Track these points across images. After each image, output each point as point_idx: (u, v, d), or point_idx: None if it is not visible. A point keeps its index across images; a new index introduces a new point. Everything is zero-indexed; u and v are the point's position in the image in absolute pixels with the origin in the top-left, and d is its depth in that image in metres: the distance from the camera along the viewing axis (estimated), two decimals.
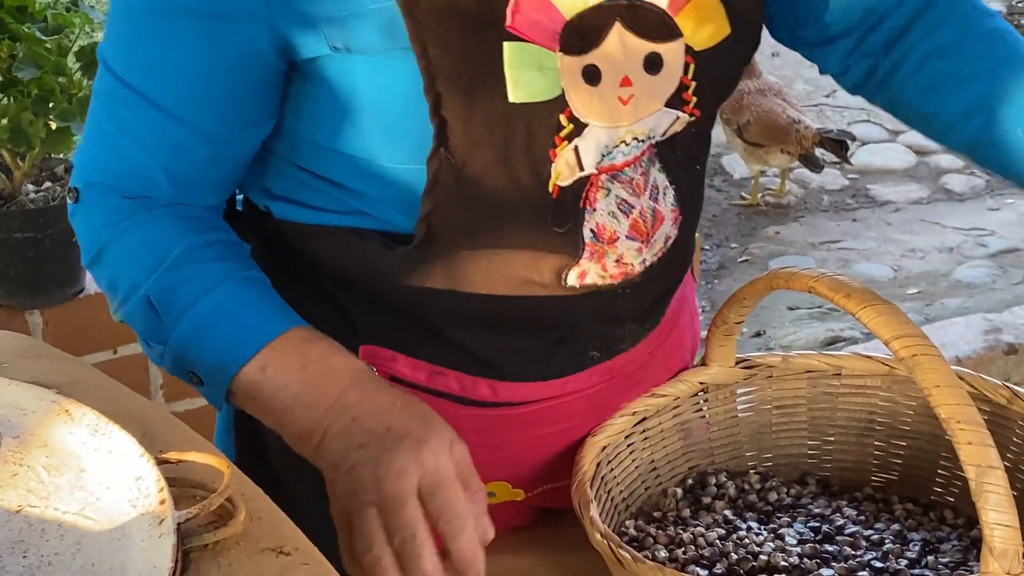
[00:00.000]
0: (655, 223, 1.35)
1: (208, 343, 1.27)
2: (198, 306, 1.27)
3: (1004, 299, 3.74)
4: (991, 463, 1.17)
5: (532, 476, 1.45)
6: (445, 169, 1.24)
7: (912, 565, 1.36)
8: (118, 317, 1.36)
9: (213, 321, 1.27)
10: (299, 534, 1.04)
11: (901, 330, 1.23)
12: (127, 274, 1.31)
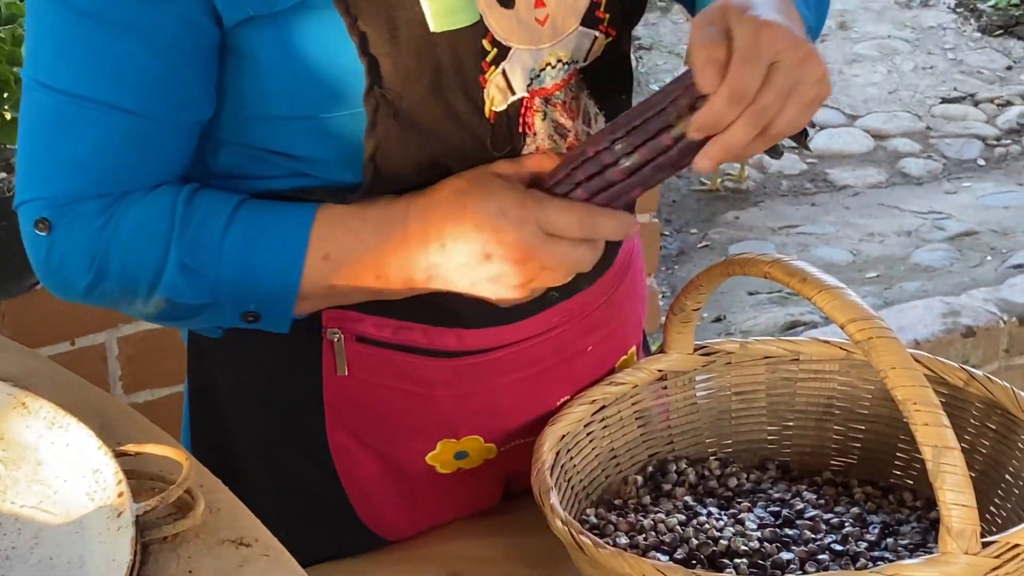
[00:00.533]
0: None
1: (257, 267, 1.27)
2: (227, 242, 1.27)
3: (962, 282, 3.77)
4: (948, 444, 1.18)
5: (503, 428, 1.46)
6: (383, 107, 1.25)
7: (872, 548, 1.37)
8: (150, 309, 1.32)
9: (249, 247, 1.28)
10: (259, 525, 1.04)
11: (856, 313, 1.24)
12: (145, 258, 1.28)
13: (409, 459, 1.45)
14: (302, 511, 1.45)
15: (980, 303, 3.49)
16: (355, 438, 1.43)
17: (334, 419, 1.42)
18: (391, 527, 1.50)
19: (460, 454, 1.46)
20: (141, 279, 1.29)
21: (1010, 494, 1.40)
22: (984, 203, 4.31)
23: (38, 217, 1.29)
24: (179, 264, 1.27)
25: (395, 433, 1.44)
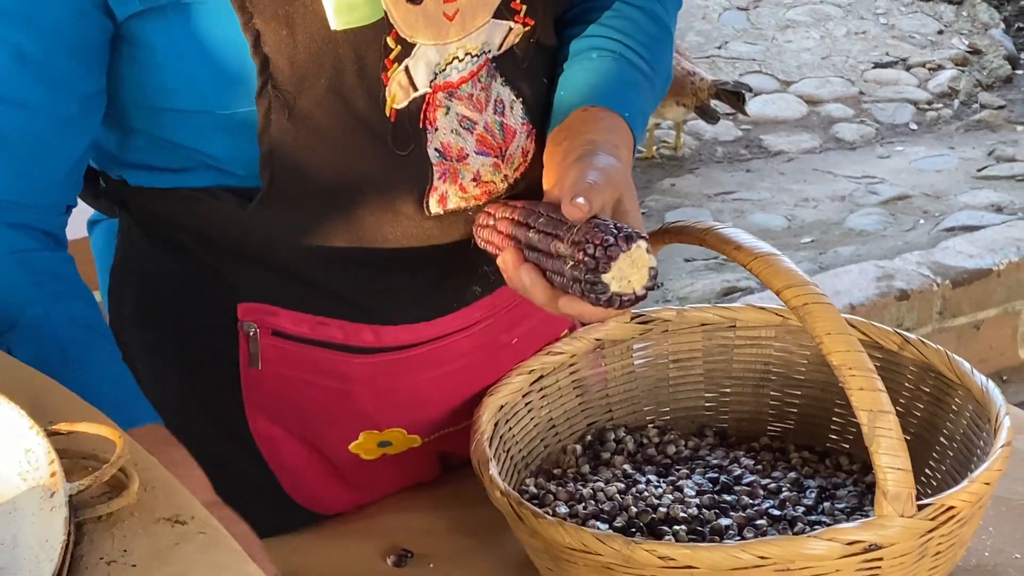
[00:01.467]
0: (506, 137, 1.35)
1: None
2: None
3: (895, 246, 3.79)
4: (882, 408, 1.19)
5: (427, 420, 1.45)
6: (275, 107, 1.22)
7: (809, 512, 1.38)
8: None
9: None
10: (195, 503, 1.03)
11: (791, 280, 1.24)
12: None
13: (333, 448, 1.44)
14: (233, 492, 1.43)
15: (914, 266, 3.52)
16: (277, 426, 1.42)
17: (254, 409, 1.41)
18: (326, 505, 1.49)
19: (383, 443, 1.45)
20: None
21: (945, 456, 1.42)
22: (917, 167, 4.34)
23: None
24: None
25: (316, 424, 1.43)
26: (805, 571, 1.19)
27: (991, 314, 3.53)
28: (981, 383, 1.37)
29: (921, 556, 1.22)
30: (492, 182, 1.35)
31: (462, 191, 1.33)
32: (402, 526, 1.48)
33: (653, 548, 1.20)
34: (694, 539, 1.33)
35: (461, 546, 1.45)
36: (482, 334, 1.44)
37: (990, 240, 3.63)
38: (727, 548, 1.19)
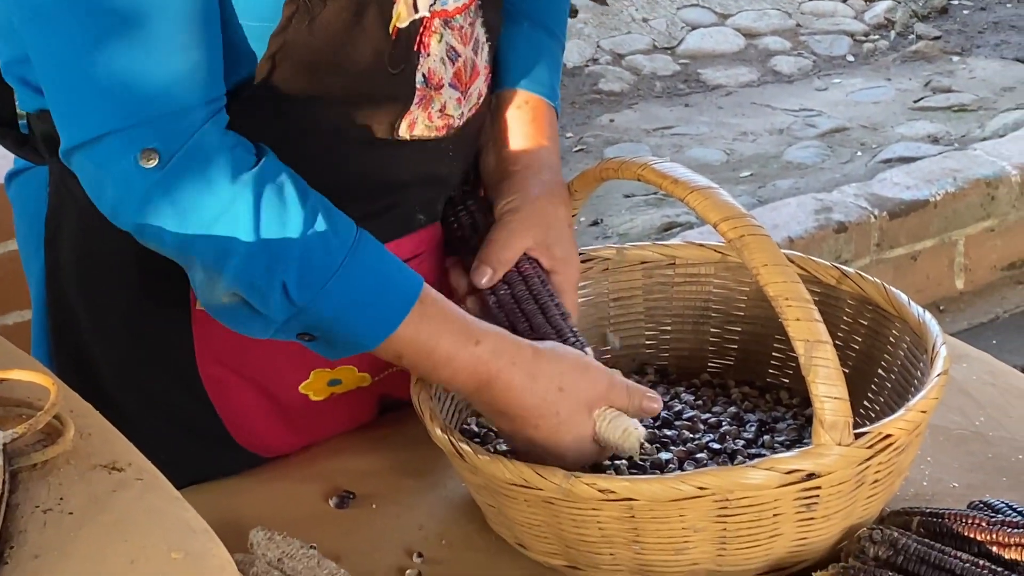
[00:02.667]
0: (472, 75, 1.41)
1: (342, 325, 1.26)
2: (328, 289, 1.24)
3: (833, 178, 3.81)
4: (819, 338, 1.19)
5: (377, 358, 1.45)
6: (300, 13, 1.25)
7: (749, 445, 1.39)
8: (217, 296, 1.26)
9: (343, 305, 1.25)
10: (132, 449, 1.02)
11: (728, 212, 1.24)
12: (255, 260, 1.22)
13: (282, 389, 1.44)
14: (175, 436, 1.42)
15: (851, 199, 3.54)
16: (227, 368, 1.41)
17: (204, 351, 1.40)
18: (270, 447, 1.48)
19: (333, 381, 1.45)
20: (232, 272, 1.23)
21: (883, 387, 1.43)
22: (854, 99, 4.36)
23: (144, 147, 1.20)
24: (280, 284, 1.23)
25: (267, 365, 1.42)
26: (744, 501, 1.20)
27: (928, 245, 3.56)
28: (918, 314, 1.37)
29: (859, 484, 1.23)
30: (452, 116, 1.40)
31: (429, 120, 1.38)
32: (343, 468, 1.47)
33: (593, 481, 1.20)
34: (635, 472, 1.33)
35: (403, 487, 1.44)
36: (428, 263, 1.45)
37: (926, 171, 3.65)
38: (666, 480, 1.19)
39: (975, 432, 1.48)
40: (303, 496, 1.44)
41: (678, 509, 1.20)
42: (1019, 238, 3.68)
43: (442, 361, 1.28)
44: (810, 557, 1.26)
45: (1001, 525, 1.22)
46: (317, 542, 1.33)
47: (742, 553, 1.23)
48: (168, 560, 0.89)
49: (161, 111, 1.20)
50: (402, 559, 1.35)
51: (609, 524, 1.22)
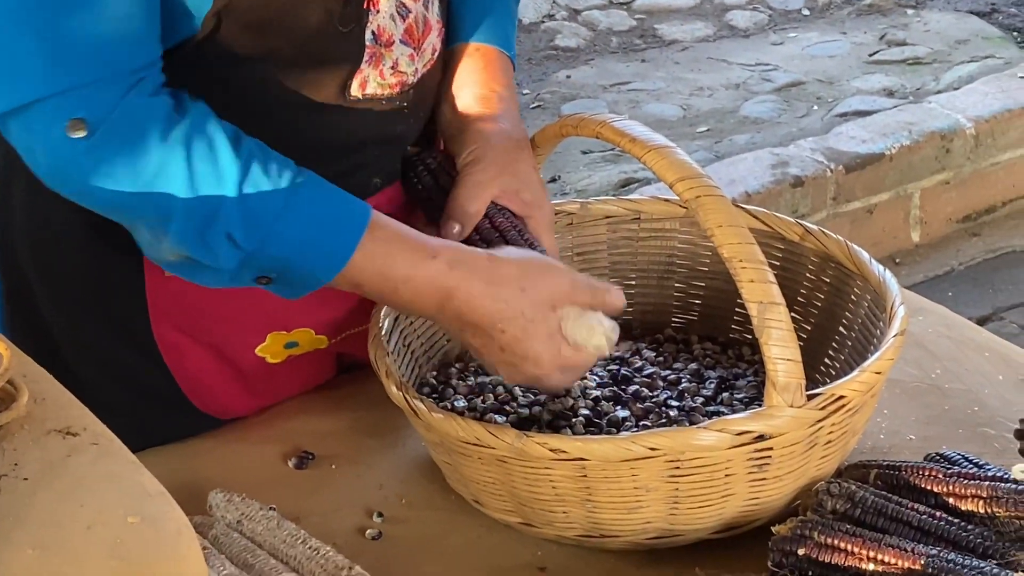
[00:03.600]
0: (424, 31, 1.39)
1: (295, 261, 1.26)
2: (276, 229, 1.23)
3: (790, 132, 3.81)
4: (773, 299, 1.19)
5: (333, 320, 1.45)
6: None
7: (708, 402, 1.39)
8: (164, 253, 1.26)
9: (294, 241, 1.25)
10: (87, 413, 1.01)
11: (684, 172, 1.24)
12: (194, 211, 1.22)
13: (238, 352, 1.43)
14: (132, 400, 1.41)
15: (808, 153, 3.54)
16: (183, 334, 1.40)
17: (159, 316, 1.39)
18: (228, 410, 1.48)
19: (290, 344, 1.44)
20: (174, 230, 1.22)
21: (844, 345, 1.43)
22: (809, 53, 4.36)
23: (72, 117, 1.18)
24: (224, 234, 1.22)
25: (223, 329, 1.41)
26: (696, 462, 1.20)
27: (884, 198, 3.57)
28: (879, 273, 1.38)
29: (811, 445, 1.23)
30: (405, 73, 1.38)
31: (381, 77, 1.36)
32: (302, 429, 1.47)
33: (544, 441, 1.20)
34: (592, 431, 1.33)
35: (362, 446, 1.44)
36: None
37: (882, 125, 3.66)
38: (617, 440, 1.19)
39: (931, 385, 1.49)
40: (262, 457, 1.44)
41: (630, 469, 1.20)
42: (974, 190, 3.70)
43: (401, 281, 1.27)
44: (763, 516, 1.26)
45: (957, 477, 1.23)
46: (277, 503, 1.33)
47: (694, 512, 1.24)
48: (125, 524, 0.89)
49: (88, 78, 1.19)
50: (362, 519, 1.35)
51: (562, 483, 1.22)
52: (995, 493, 1.19)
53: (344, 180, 1.38)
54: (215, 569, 1.22)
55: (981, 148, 3.67)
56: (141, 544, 0.87)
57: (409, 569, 1.28)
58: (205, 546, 1.26)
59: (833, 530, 1.19)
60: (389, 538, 1.32)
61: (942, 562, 1.14)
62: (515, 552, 1.30)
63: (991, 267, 3.58)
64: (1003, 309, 3.42)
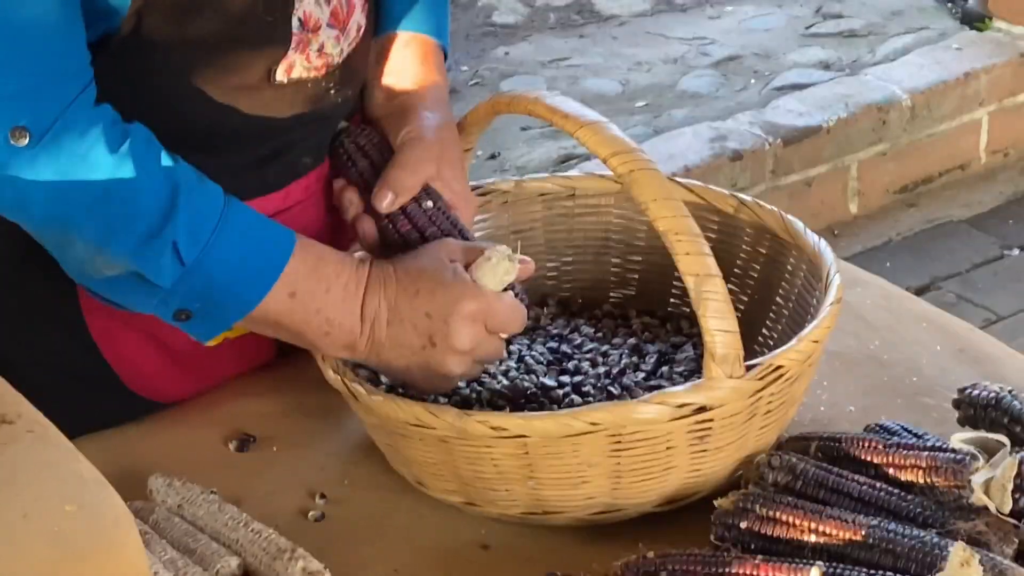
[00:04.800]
0: (348, 10, 1.38)
1: (227, 279, 1.25)
2: (213, 243, 1.23)
3: (728, 107, 3.82)
4: (709, 272, 1.19)
5: None
6: None
7: (648, 377, 1.39)
8: (96, 266, 1.25)
9: (228, 257, 1.25)
10: (22, 400, 1.00)
11: (617, 147, 1.24)
12: (137, 220, 1.21)
13: (172, 337, 1.41)
14: (67, 387, 1.40)
15: (746, 126, 3.56)
16: (114, 319, 1.39)
17: (90, 302, 1.37)
18: (166, 393, 1.46)
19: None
20: (121, 241, 1.21)
21: (781, 315, 1.44)
22: (746, 27, 4.37)
23: (15, 125, 1.17)
24: (171, 243, 1.21)
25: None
26: (637, 435, 1.21)
27: (822, 171, 3.59)
28: (814, 243, 1.38)
29: (751, 415, 1.24)
30: (331, 55, 1.37)
31: (307, 61, 1.35)
32: (243, 411, 1.46)
33: (485, 419, 1.20)
34: (533, 407, 1.33)
35: (304, 428, 1.43)
36: (317, 205, 1.44)
37: (819, 97, 3.68)
38: (558, 416, 1.19)
39: (870, 356, 1.50)
40: (202, 441, 1.43)
41: (572, 445, 1.20)
42: (911, 162, 3.72)
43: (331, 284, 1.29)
44: (705, 488, 1.27)
45: (897, 447, 1.24)
46: (218, 487, 1.32)
47: (637, 486, 1.24)
48: (62, 513, 0.88)
49: (30, 85, 1.17)
50: (305, 500, 1.34)
51: (503, 461, 1.22)
52: (934, 463, 1.20)
53: (274, 161, 1.37)
54: (156, 554, 1.21)
55: (917, 119, 3.69)
56: (78, 532, 0.86)
57: (352, 550, 1.28)
58: (146, 531, 1.25)
59: (775, 503, 1.19)
60: (332, 519, 1.32)
61: (883, 532, 1.15)
62: (459, 531, 1.30)
63: (928, 237, 3.61)
64: (940, 279, 3.46)
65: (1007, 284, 3.42)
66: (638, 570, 1.17)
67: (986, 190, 3.78)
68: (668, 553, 1.17)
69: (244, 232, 1.26)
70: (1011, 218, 3.67)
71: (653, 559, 1.17)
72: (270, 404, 1.47)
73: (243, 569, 1.23)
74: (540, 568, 1.17)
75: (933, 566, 1.11)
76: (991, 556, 1.13)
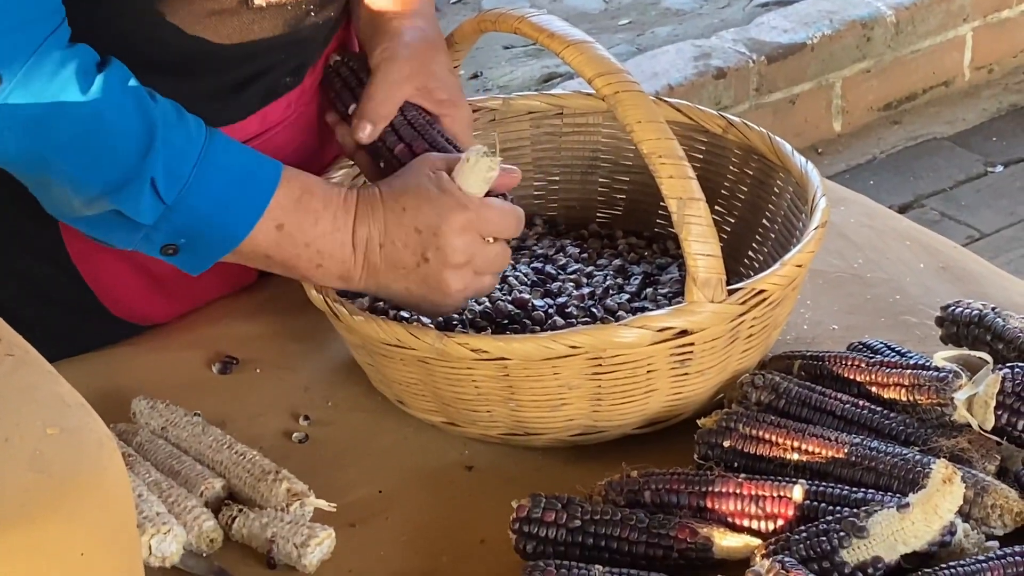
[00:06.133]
0: None
1: (211, 212, 1.24)
2: (195, 177, 1.22)
3: (711, 24, 3.80)
4: (692, 195, 1.19)
5: None
6: None
7: (633, 299, 1.39)
8: (76, 207, 1.23)
9: (211, 190, 1.23)
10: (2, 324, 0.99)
11: (602, 68, 1.23)
12: (114, 161, 1.20)
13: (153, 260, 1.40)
14: (48, 311, 1.39)
15: (730, 44, 3.53)
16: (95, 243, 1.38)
17: (69, 227, 1.36)
18: (148, 316, 1.46)
19: None
20: (97, 180, 1.20)
21: (767, 239, 1.43)
22: None
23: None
24: (149, 181, 1.19)
25: None
26: (618, 358, 1.20)
27: (806, 88, 3.58)
28: (800, 165, 1.38)
29: (733, 340, 1.24)
30: None
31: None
32: (225, 333, 1.46)
33: (465, 341, 1.20)
34: (516, 329, 1.33)
35: (287, 350, 1.43)
36: (296, 124, 1.44)
37: (803, 14, 3.65)
38: (539, 339, 1.19)
39: (853, 275, 1.50)
40: (185, 363, 1.42)
41: (552, 367, 1.20)
42: (895, 78, 3.71)
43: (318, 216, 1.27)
44: (686, 410, 1.27)
45: (880, 366, 1.24)
46: (201, 409, 1.32)
47: (617, 408, 1.24)
48: (44, 436, 0.87)
49: (0, 26, 1.15)
50: (288, 423, 1.34)
51: (484, 383, 1.22)
52: (917, 381, 1.20)
53: (254, 82, 1.36)
54: (140, 476, 1.21)
55: (901, 36, 3.67)
56: (61, 455, 0.86)
57: (336, 471, 1.28)
58: (130, 454, 1.25)
59: (758, 421, 1.20)
60: (316, 441, 1.32)
61: (865, 450, 1.16)
62: (442, 451, 1.30)
63: (912, 155, 3.61)
64: (924, 196, 3.45)
65: (990, 201, 3.42)
66: (622, 489, 1.18)
67: (970, 107, 3.77)
68: (651, 472, 1.18)
69: (226, 167, 1.24)
70: (994, 135, 3.66)
71: (636, 478, 1.18)
72: (252, 326, 1.47)
73: (227, 491, 1.23)
74: (524, 489, 1.17)
75: (915, 483, 1.12)
76: (973, 473, 1.14)
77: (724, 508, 1.14)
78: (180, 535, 1.15)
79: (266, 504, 1.20)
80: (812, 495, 1.12)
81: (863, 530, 1.05)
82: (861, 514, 1.07)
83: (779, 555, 1.05)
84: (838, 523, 1.07)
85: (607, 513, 1.14)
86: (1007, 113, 3.75)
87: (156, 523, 1.14)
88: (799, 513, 1.12)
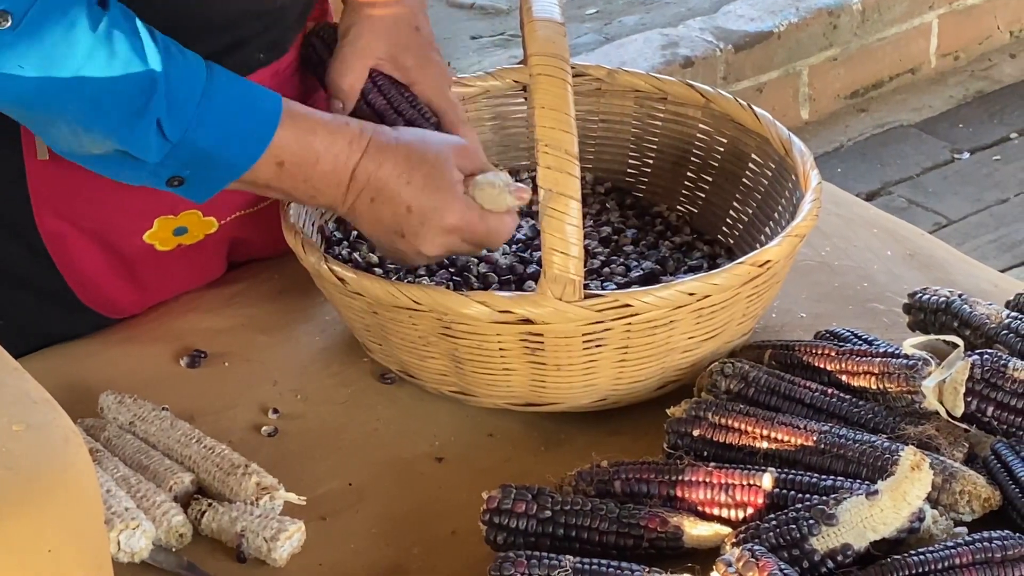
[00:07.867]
0: None
1: (215, 147, 1.24)
2: (199, 113, 1.22)
3: (678, 13, 3.80)
4: (564, 190, 1.18)
5: (222, 200, 1.42)
6: None
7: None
8: (86, 146, 1.22)
9: (215, 125, 1.23)
10: None
11: (543, 48, 1.22)
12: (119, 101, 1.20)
13: (126, 240, 1.40)
14: (17, 299, 1.38)
15: (697, 33, 3.54)
16: (67, 222, 1.37)
17: (42, 205, 1.35)
18: (116, 307, 1.45)
19: (179, 230, 1.41)
20: (104, 120, 1.20)
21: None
22: None
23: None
24: (155, 122, 1.20)
25: (109, 214, 1.38)
26: (463, 327, 1.23)
27: (773, 76, 3.58)
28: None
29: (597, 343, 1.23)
30: None
31: None
32: (193, 326, 1.45)
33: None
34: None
35: (255, 343, 1.43)
36: None
37: (770, 2, 3.65)
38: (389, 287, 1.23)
39: (821, 262, 1.51)
40: (153, 357, 1.42)
41: (409, 316, 1.25)
42: (861, 66, 3.72)
43: (320, 154, 1.28)
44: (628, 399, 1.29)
45: (850, 354, 1.24)
46: (169, 403, 1.32)
47: (482, 378, 1.27)
48: (10, 433, 0.87)
49: None
50: (257, 416, 1.34)
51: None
52: (886, 369, 1.21)
53: (228, 56, 1.35)
54: (108, 472, 1.20)
55: (868, 23, 3.68)
56: (26, 452, 0.86)
57: (306, 464, 1.28)
58: (98, 449, 1.24)
59: (727, 410, 1.20)
60: (285, 434, 1.32)
61: (834, 438, 1.16)
62: (412, 444, 1.30)
63: (879, 142, 3.62)
64: (891, 183, 3.47)
65: (957, 188, 3.43)
66: (592, 479, 1.18)
67: (936, 94, 3.78)
68: (621, 462, 1.18)
69: (228, 105, 1.24)
70: (961, 122, 3.68)
71: (606, 468, 1.18)
72: (220, 319, 1.46)
73: (196, 485, 1.23)
74: (494, 480, 1.17)
75: (884, 470, 1.12)
76: (941, 459, 1.14)
77: (694, 497, 1.14)
78: (149, 530, 1.15)
79: (235, 498, 1.20)
80: (781, 483, 1.13)
81: (832, 517, 1.06)
82: (830, 502, 1.07)
83: (749, 543, 1.05)
84: (807, 511, 1.07)
85: (577, 503, 1.14)
86: (973, 100, 3.76)
87: (124, 518, 1.14)
88: (768, 501, 1.12)
